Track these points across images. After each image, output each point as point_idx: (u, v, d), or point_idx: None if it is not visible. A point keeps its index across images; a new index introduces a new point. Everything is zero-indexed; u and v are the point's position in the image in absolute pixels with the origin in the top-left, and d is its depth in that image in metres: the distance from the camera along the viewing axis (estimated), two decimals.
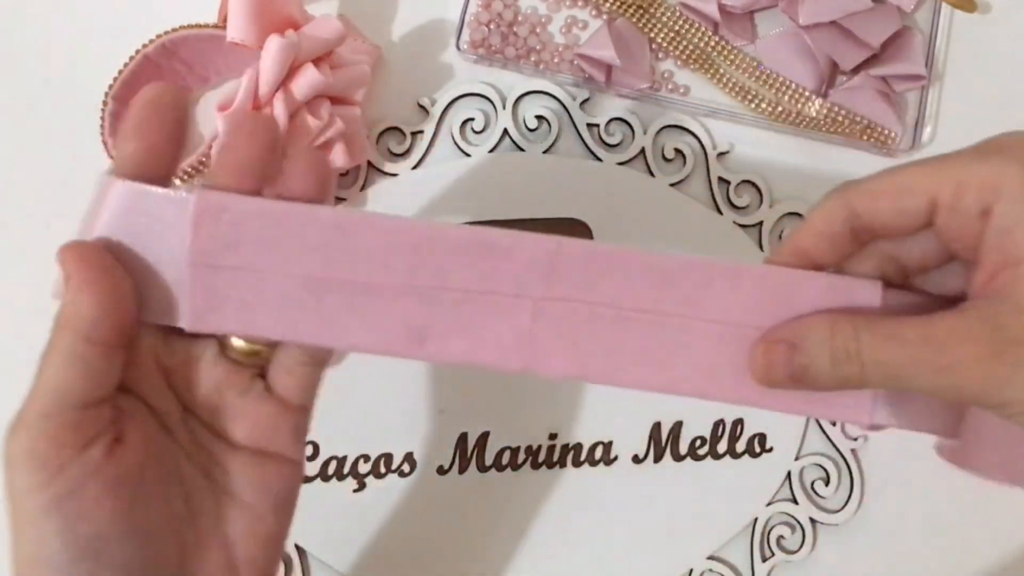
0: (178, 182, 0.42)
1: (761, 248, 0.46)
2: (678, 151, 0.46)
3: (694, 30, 0.47)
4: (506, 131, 0.47)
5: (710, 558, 0.43)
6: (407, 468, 0.44)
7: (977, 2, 0.47)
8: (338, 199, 0.46)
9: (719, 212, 0.46)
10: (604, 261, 0.28)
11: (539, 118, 0.47)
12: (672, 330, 0.28)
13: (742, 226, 0.46)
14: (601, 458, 0.44)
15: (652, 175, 0.46)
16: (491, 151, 0.46)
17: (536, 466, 0.44)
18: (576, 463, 0.44)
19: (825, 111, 0.46)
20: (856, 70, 0.47)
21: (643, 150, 0.46)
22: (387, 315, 0.28)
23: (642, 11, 0.47)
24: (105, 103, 0.44)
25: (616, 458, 0.44)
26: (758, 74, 0.47)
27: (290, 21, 0.40)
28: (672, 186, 0.46)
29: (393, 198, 0.46)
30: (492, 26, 0.47)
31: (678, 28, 0.47)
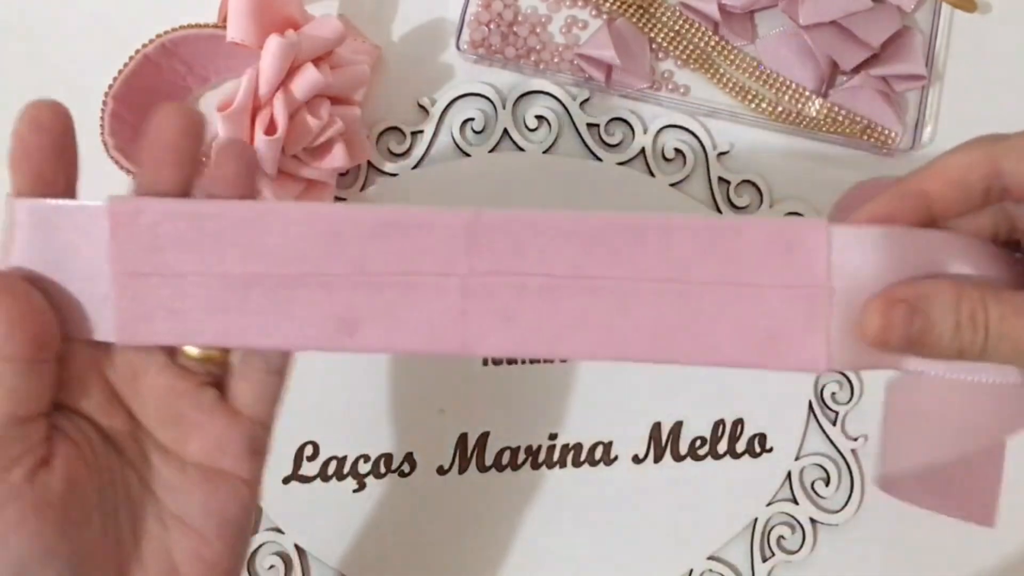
0: None
1: None
2: (678, 151, 0.46)
3: (694, 30, 0.47)
4: (506, 131, 0.47)
5: (710, 558, 0.43)
6: (407, 468, 0.44)
7: (977, 2, 0.47)
8: (338, 199, 0.46)
9: (719, 212, 0.46)
10: (527, 227, 0.26)
11: (539, 118, 0.47)
12: (608, 293, 0.26)
13: None
14: (601, 458, 0.44)
15: (652, 175, 0.46)
16: (491, 151, 0.46)
17: (536, 466, 0.44)
18: (576, 463, 0.44)
19: (825, 111, 0.46)
20: (856, 70, 0.47)
21: (643, 150, 0.46)
22: (312, 308, 0.27)
23: (642, 11, 0.47)
24: (105, 103, 0.44)
25: (616, 458, 0.44)
26: (758, 74, 0.47)
27: (290, 21, 0.40)
28: (672, 186, 0.46)
29: (393, 198, 0.46)
30: (492, 26, 0.47)
31: (678, 28, 0.47)
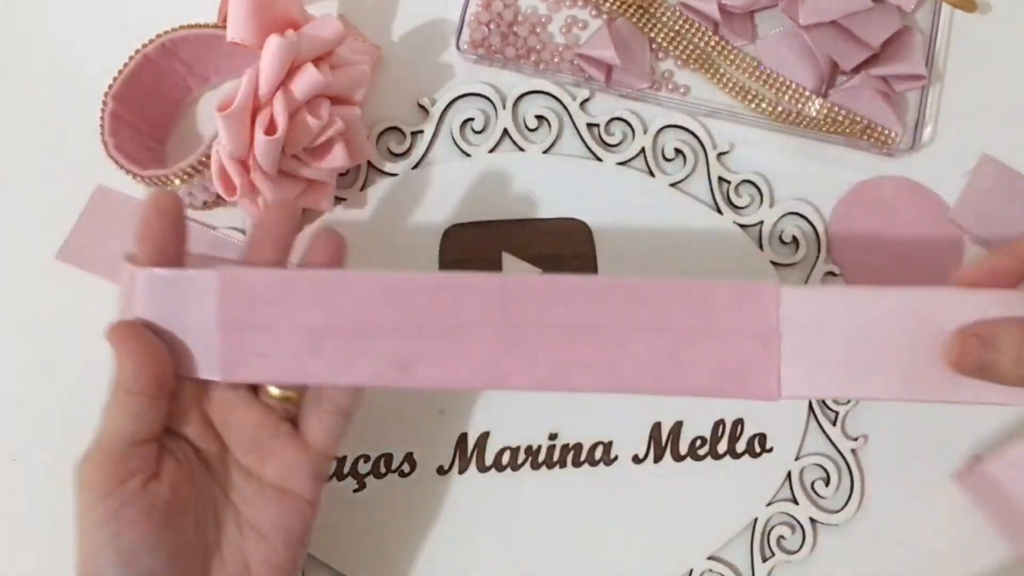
0: (177, 181, 0.42)
1: (761, 248, 0.46)
2: (678, 151, 0.46)
3: (694, 30, 0.47)
4: (506, 131, 0.47)
5: (710, 558, 0.43)
6: (407, 468, 0.44)
7: (977, 2, 0.47)
8: (338, 199, 0.46)
9: (719, 212, 0.46)
10: (548, 289, 0.34)
11: (539, 118, 0.47)
12: (611, 340, 0.33)
13: (742, 226, 0.46)
14: (601, 458, 0.44)
15: (652, 175, 0.46)
16: (491, 151, 0.46)
17: (536, 466, 0.44)
18: (576, 463, 0.44)
19: (825, 111, 0.46)
20: (856, 70, 0.47)
21: (643, 150, 0.46)
22: (376, 353, 0.33)
23: (642, 11, 0.47)
24: (105, 103, 0.44)
25: (616, 458, 0.44)
26: (758, 74, 0.47)
27: (290, 21, 0.40)
28: (672, 186, 0.46)
29: (393, 198, 0.46)
30: (492, 26, 0.47)
31: (678, 28, 0.47)
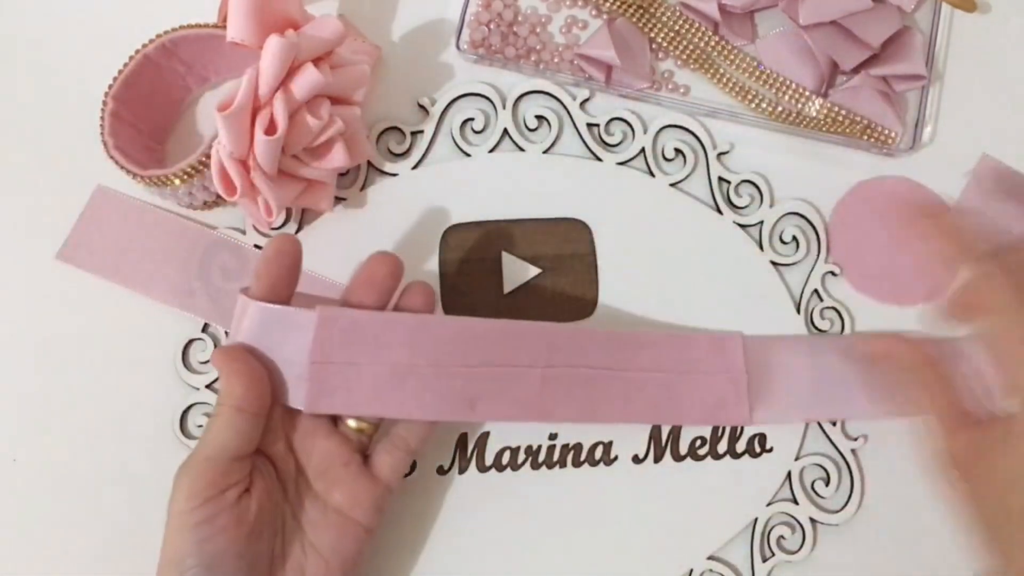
0: (177, 181, 0.42)
1: (761, 247, 0.46)
2: (678, 151, 0.46)
3: (694, 30, 0.47)
4: (506, 131, 0.47)
5: (710, 558, 0.43)
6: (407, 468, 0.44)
7: (977, 2, 0.48)
8: (338, 199, 0.46)
9: (719, 212, 0.46)
10: (584, 338, 0.40)
11: (539, 118, 0.47)
12: (625, 380, 0.41)
13: (742, 226, 0.46)
14: (601, 458, 0.44)
15: (652, 175, 0.46)
16: (491, 151, 0.46)
17: (536, 466, 0.44)
18: (576, 463, 0.44)
19: (825, 111, 0.46)
20: (856, 70, 0.47)
21: (643, 150, 0.46)
22: (450, 390, 0.38)
23: (642, 11, 0.47)
24: (105, 103, 0.44)
25: (616, 458, 0.44)
26: (758, 74, 0.47)
27: (290, 21, 0.40)
28: (672, 186, 0.46)
29: (393, 198, 0.46)
30: (492, 26, 0.47)
31: (678, 28, 0.47)
